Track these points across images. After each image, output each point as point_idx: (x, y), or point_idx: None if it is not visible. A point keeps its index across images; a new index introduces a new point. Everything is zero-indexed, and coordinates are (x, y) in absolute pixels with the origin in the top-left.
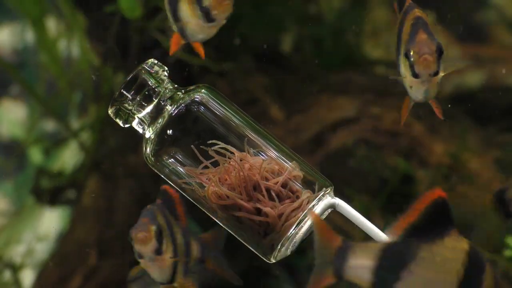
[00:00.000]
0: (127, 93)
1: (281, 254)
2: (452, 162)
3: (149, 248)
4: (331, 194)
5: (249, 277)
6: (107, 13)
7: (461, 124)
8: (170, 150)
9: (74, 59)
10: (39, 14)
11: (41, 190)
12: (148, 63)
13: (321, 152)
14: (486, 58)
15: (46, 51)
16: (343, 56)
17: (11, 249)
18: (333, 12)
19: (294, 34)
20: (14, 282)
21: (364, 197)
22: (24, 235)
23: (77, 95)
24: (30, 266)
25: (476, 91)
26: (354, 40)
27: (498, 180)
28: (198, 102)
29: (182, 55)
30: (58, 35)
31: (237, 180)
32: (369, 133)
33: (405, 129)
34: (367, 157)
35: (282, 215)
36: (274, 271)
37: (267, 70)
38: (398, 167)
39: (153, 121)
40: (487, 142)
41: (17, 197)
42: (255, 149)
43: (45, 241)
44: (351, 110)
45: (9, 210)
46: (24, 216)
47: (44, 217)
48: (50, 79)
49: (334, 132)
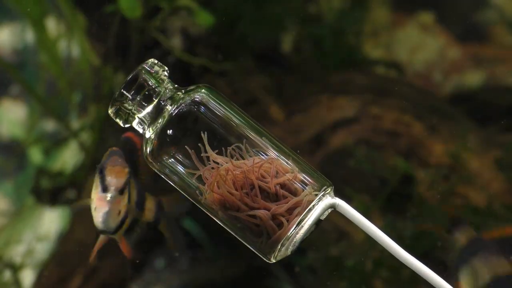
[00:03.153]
0: (127, 93)
1: (281, 254)
2: (452, 162)
3: (119, 183)
4: (331, 194)
5: (249, 277)
6: (107, 13)
7: (461, 124)
8: (170, 150)
9: (74, 59)
10: (39, 14)
11: (41, 190)
12: (148, 63)
13: (321, 152)
14: (486, 58)
15: (46, 51)
16: (343, 56)
17: (11, 249)
18: (333, 12)
19: (294, 34)
20: (14, 282)
21: (364, 197)
22: (24, 235)
23: (77, 95)
24: (30, 266)
25: (476, 91)
26: (354, 40)
27: (498, 180)
28: (198, 102)
29: (182, 55)
30: (58, 35)
31: (235, 180)
32: (369, 133)
33: (405, 129)
34: (367, 157)
35: (276, 215)
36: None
37: (267, 70)
38: (398, 167)
39: (153, 121)
40: (487, 142)
41: (17, 197)
42: (255, 149)
43: (45, 241)
44: (351, 110)
45: (9, 210)
46: (24, 216)
47: (44, 217)
48: (50, 79)
49: (334, 132)
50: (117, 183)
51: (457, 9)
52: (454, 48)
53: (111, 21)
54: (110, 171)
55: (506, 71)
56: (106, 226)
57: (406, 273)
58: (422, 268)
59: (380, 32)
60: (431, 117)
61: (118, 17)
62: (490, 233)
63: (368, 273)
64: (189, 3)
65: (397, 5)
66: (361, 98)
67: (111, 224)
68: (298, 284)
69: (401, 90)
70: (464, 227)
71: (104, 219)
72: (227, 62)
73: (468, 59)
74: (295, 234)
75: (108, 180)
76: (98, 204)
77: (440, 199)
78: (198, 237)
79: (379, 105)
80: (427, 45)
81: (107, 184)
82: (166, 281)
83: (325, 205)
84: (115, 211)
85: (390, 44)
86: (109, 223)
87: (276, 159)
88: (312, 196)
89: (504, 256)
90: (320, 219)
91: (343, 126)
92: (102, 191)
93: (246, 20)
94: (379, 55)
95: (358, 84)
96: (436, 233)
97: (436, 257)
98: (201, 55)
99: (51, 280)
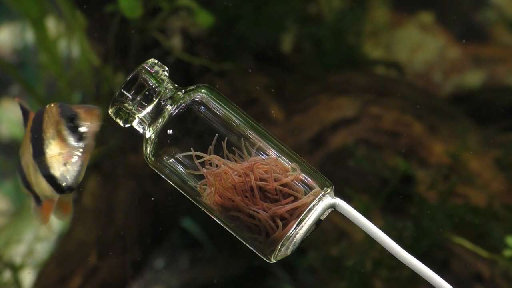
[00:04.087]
0: (127, 93)
1: (281, 254)
2: (452, 162)
3: (94, 127)
4: (331, 194)
5: (249, 277)
6: (107, 13)
7: (461, 124)
8: (170, 150)
9: (74, 59)
10: (39, 14)
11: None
12: (148, 63)
13: (321, 152)
14: (486, 58)
15: (46, 51)
16: (343, 56)
17: (11, 249)
18: (333, 12)
19: (294, 34)
20: (14, 282)
21: (364, 197)
22: (24, 235)
23: (77, 95)
24: (30, 266)
25: (476, 91)
26: (354, 40)
27: (498, 180)
28: (199, 102)
29: (182, 55)
30: (58, 35)
31: (236, 183)
32: (369, 133)
33: (405, 129)
34: (367, 157)
35: (275, 216)
36: (274, 271)
37: (267, 70)
38: (398, 167)
39: (153, 121)
40: (487, 142)
41: (17, 197)
42: (255, 149)
43: (45, 241)
44: (351, 110)
45: (9, 210)
46: (24, 216)
47: None
48: (50, 79)
49: (334, 132)
50: (95, 127)
51: (457, 9)
52: (454, 48)
53: (111, 21)
54: (86, 117)
55: (506, 71)
56: (75, 182)
57: (406, 273)
58: (422, 268)
59: (380, 32)
60: (431, 117)
61: (118, 17)
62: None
63: (368, 273)
64: (189, 3)
65: (397, 5)
66: (361, 98)
67: (80, 178)
68: (298, 284)
69: (401, 90)
70: None
71: (77, 173)
72: (227, 62)
73: (468, 59)
74: (295, 234)
75: (84, 126)
76: (70, 157)
77: (440, 199)
78: (198, 237)
79: (379, 105)
80: (427, 45)
81: (83, 132)
82: (166, 281)
83: (325, 205)
84: (86, 162)
85: (390, 44)
86: (79, 178)
87: (276, 159)
88: (312, 196)
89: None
90: (320, 219)
91: (343, 126)
92: (77, 141)
93: (246, 20)
94: (379, 55)
95: (358, 84)
96: (436, 233)
97: (436, 257)
98: (201, 55)
99: (51, 280)
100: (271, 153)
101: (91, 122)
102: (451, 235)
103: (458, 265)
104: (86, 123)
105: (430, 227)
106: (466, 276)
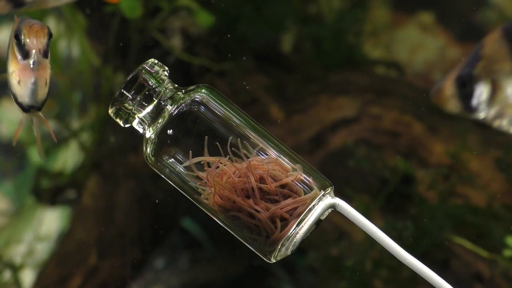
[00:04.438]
0: (127, 93)
1: (281, 254)
2: (452, 162)
3: (41, 44)
4: (331, 194)
5: (249, 277)
6: (107, 13)
7: (461, 124)
8: (171, 150)
9: (74, 59)
10: (39, 14)
11: (41, 190)
12: (148, 63)
13: (321, 152)
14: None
15: None
16: (343, 56)
17: (11, 249)
18: (333, 12)
19: (294, 34)
20: (14, 282)
21: (364, 197)
22: (24, 235)
23: (77, 95)
24: (30, 266)
25: None
26: (354, 40)
27: (498, 180)
28: (199, 102)
29: (182, 55)
30: (58, 35)
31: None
32: (369, 133)
33: (405, 129)
34: (367, 157)
35: (275, 216)
36: (274, 271)
37: (267, 70)
38: (398, 167)
39: (154, 121)
40: (487, 142)
41: (17, 197)
42: (255, 149)
43: (45, 241)
44: (351, 110)
45: (9, 210)
46: (24, 216)
47: (44, 217)
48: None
49: (334, 132)
50: (38, 44)
51: (457, 9)
52: (454, 48)
53: (111, 21)
54: (29, 32)
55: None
56: (34, 100)
57: (406, 273)
58: (422, 268)
59: (380, 32)
60: (431, 117)
61: (118, 17)
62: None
63: (368, 273)
64: (189, 3)
65: (397, 5)
66: (361, 98)
67: (40, 96)
68: (298, 284)
69: (401, 90)
70: None
71: (32, 91)
72: (227, 62)
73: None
74: (295, 234)
75: (28, 43)
76: (22, 74)
77: (440, 199)
78: (198, 237)
79: (379, 105)
80: (427, 45)
81: (27, 48)
82: (166, 281)
83: (325, 205)
84: (42, 79)
85: (390, 44)
86: (37, 96)
87: (276, 159)
88: (312, 196)
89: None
90: (320, 219)
91: (343, 126)
92: (24, 58)
93: (246, 20)
94: (379, 55)
95: (358, 84)
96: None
97: (436, 257)
98: (201, 55)
99: (51, 280)
100: (271, 153)
101: (35, 38)
102: (451, 235)
103: (458, 265)
104: (29, 39)
105: (430, 227)
106: (466, 276)
